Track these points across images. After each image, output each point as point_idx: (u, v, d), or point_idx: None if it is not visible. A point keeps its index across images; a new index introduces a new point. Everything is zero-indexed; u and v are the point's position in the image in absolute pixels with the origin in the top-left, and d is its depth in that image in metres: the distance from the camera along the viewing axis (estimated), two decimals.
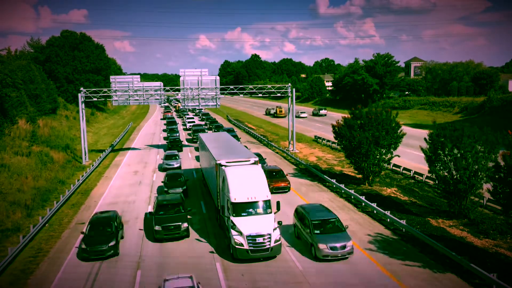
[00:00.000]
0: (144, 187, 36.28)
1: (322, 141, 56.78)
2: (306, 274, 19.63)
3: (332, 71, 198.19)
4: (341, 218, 26.92)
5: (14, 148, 40.55)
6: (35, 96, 57.75)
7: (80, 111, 49.02)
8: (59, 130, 58.84)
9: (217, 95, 49.92)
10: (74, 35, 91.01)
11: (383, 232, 24.97)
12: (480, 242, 22.86)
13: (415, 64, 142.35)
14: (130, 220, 27.87)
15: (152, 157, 49.86)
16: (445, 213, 27.50)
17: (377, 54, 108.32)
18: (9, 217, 27.58)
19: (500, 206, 20.90)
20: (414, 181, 36.06)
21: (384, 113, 33.63)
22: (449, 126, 26.86)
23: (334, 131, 36.29)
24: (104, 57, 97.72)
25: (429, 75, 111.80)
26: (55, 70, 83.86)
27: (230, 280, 19.27)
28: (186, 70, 49.87)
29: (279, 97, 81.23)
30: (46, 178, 36.96)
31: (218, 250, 22.43)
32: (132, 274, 20.27)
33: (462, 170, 25.04)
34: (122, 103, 50.01)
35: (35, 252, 23.00)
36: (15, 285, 19.53)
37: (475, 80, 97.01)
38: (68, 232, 26.06)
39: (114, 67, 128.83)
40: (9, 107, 45.33)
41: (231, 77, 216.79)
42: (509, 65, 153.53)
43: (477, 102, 77.35)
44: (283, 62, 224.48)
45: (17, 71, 53.05)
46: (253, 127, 76.45)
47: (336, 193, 33.13)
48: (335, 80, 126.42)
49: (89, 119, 78.50)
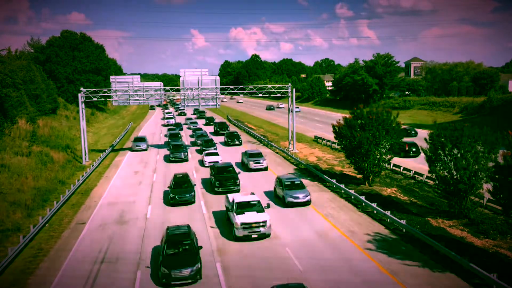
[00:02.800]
0: (144, 187, 36.27)
1: (322, 141, 56.77)
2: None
3: (332, 71, 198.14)
4: (341, 218, 27.13)
5: (14, 148, 40.54)
6: (35, 96, 57.73)
7: (80, 111, 49.02)
8: (59, 130, 58.84)
9: (217, 95, 49.92)
10: (74, 35, 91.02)
11: (383, 232, 24.97)
12: (480, 242, 22.85)
13: (415, 64, 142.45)
14: (130, 221, 27.87)
15: (152, 157, 49.85)
16: (445, 213, 27.49)
17: (377, 54, 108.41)
18: (9, 217, 27.58)
19: (500, 206, 20.91)
20: (414, 181, 36.05)
21: (384, 113, 33.64)
22: (450, 126, 26.86)
23: (334, 131, 36.29)
24: (104, 57, 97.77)
25: (429, 75, 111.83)
26: (55, 70, 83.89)
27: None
28: (186, 70, 49.86)
29: (279, 97, 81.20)
30: (46, 178, 36.95)
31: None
32: (132, 274, 20.27)
33: (462, 170, 25.03)
34: (122, 103, 50.02)
35: (35, 252, 23.00)
36: (15, 285, 19.53)
37: (475, 80, 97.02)
38: (68, 232, 26.06)
39: (114, 67, 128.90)
40: (9, 107, 45.32)
41: (231, 77, 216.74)
42: (509, 65, 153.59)
43: (477, 102, 77.32)
44: (283, 62, 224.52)
45: (17, 71, 53.02)
46: (253, 127, 76.44)
47: (336, 193, 33.13)
48: (335, 80, 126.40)
49: (89, 119, 78.47)
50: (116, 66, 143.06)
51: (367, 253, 21.80)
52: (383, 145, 33.56)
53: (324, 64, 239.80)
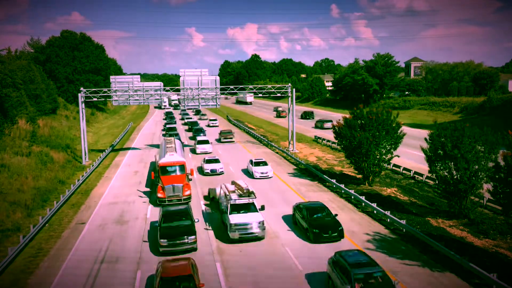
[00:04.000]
0: (144, 187, 36.26)
1: (322, 141, 56.78)
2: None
3: (332, 71, 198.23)
4: (340, 218, 26.98)
5: (14, 148, 40.53)
6: (35, 96, 57.74)
7: (80, 111, 49.02)
8: (59, 130, 58.84)
9: (217, 95, 49.93)
10: (74, 35, 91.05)
11: (382, 231, 24.97)
12: (480, 242, 22.86)
13: (415, 64, 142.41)
14: (130, 221, 27.87)
15: (152, 157, 49.82)
16: (445, 213, 27.50)
17: (377, 54, 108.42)
18: (9, 217, 27.58)
19: (500, 206, 20.92)
20: (414, 181, 36.05)
21: (384, 113, 33.65)
22: (450, 126, 26.86)
23: (334, 131, 36.29)
24: (104, 57, 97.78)
25: (429, 75, 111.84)
26: (55, 70, 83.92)
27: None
28: (186, 70, 49.88)
29: (279, 97, 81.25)
30: (46, 178, 36.95)
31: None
32: (132, 274, 20.28)
33: (463, 170, 25.04)
34: (122, 103, 50.01)
35: (35, 252, 23.00)
36: (15, 285, 19.53)
37: (475, 80, 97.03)
38: (68, 232, 26.05)
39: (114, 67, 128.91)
40: (9, 107, 45.32)
41: (231, 77, 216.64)
42: (509, 65, 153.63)
43: (477, 102, 77.33)
44: (283, 62, 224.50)
45: (17, 71, 53.01)
46: (253, 127, 76.44)
47: (336, 193, 33.13)
48: (335, 80, 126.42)
49: (89, 119, 78.49)
50: (116, 66, 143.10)
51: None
52: (383, 145, 33.58)
53: (324, 64, 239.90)
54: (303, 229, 24.44)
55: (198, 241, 22.95)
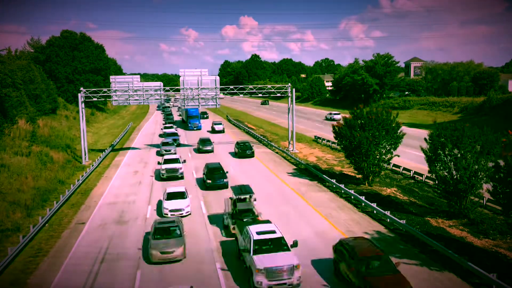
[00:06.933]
0: (144, 187, 36.27)
1: (322, 141, 56.77)
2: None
3: (332, 71, 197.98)
4: (340, 218, 27.02)
5: (14, 148, 40.53)
6: (35, 96, 57.73)
7: (80, 111, 49.02)
8: (59, 130, 58.82)
9: (217, 95, 49.92)
10: (74, 35, 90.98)
11: (382, 231, 24.97)
12: (480, 242, 22.86)
13: (415, 64, 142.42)
14: (129, 221, 27.87)
15: (152, 157, 49.83)
16: (445, 213, 27.50)
17: (377, 54, 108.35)
18: (9, 217, 27.58)
19: (500, 206, 20.90)
20: (414, 181, 36.05)
21: (384, 113, 33.65)
22: (450, 126, 26.86)
23: (334, 131, 36.28)
24: (104, 57, 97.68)
25: (429, 75, 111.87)
26: (55, 70, 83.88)
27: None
28: (186, 70, 49.88)
29: (279, 97, 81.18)
30: (46, 178, 36.95)
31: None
32: (131, 274, 20.28)
33: (462, 170, 25.04)
34: (122, 103, 50.02)
35: (35, 252, 23.00)
36: (15, 285, 19.54)
37: (475, 80, 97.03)
38: (68, 232, 26.05)
39: (114, 67, 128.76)
40: (9, 107, 45.33)
41: (231, 77, 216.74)
42: (509, 65, 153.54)
43: (477, 102, 77.32)
44: (283, 62, 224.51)
45: (17, 71, 53.00)
46: (253, 127, 76.41)
47: (336, 193, 33.14)
48: (335, 80, 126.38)
49: (89, 119, 78.46)
50: (116, 66, 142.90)
51: None
52: (383, 145, 33.59)
53: (324, 64, 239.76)
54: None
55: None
